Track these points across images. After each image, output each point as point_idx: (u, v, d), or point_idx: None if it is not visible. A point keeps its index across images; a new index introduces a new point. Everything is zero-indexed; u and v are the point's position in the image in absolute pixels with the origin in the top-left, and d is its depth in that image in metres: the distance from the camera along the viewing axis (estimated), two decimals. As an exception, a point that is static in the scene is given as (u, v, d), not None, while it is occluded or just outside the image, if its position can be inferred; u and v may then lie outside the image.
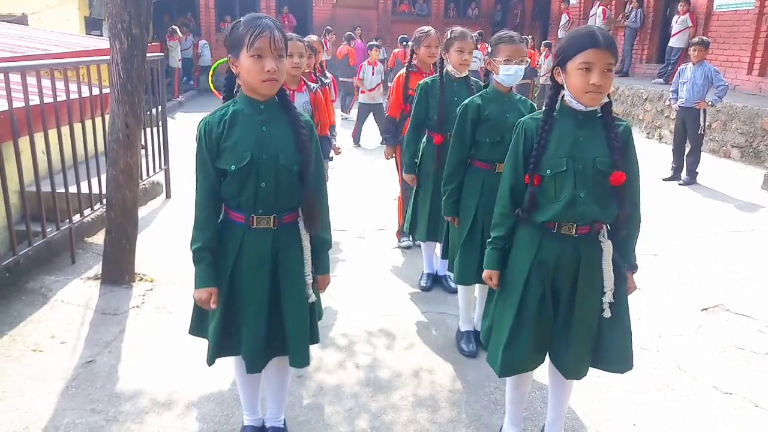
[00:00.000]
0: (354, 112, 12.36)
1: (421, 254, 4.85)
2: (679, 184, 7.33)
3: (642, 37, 13.46)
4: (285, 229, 2.24)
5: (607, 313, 2.24)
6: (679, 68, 7.64)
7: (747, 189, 7.07)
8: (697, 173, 7.37)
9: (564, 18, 15.57)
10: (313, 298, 2.31)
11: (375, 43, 10.79)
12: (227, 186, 2.18)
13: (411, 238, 5.03)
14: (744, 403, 2.98)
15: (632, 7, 13.07)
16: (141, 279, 4.22)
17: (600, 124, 2.18)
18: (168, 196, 6.35)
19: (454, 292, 3.97)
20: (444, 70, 3.80)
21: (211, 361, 2.31)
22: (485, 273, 2.38)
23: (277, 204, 2.19)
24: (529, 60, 3.30)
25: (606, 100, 2.15)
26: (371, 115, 9.58)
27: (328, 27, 14.73)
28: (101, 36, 13.64)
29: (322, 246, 2.34)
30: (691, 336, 3.64)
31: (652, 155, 8.55)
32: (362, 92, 9.75)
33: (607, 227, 2.23)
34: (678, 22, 11.25)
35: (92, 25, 14.31)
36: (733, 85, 10.38)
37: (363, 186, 7.07)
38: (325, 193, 2.38)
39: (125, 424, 2.69)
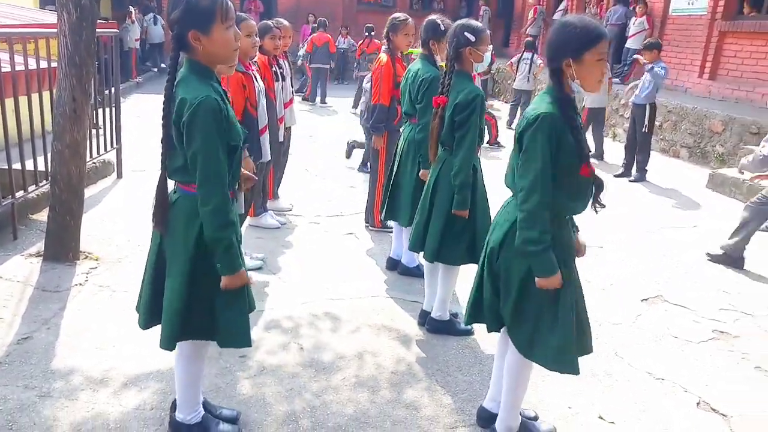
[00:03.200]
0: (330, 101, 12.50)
1: (375, 241, 4.89)
2: (630, 181, 7.52)
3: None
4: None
5: None
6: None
7: (693, 187, 7.30)
8: (647, 171, 7.57)
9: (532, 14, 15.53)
10: None
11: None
12: (230, 163, 2.11)
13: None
14: (674, 389, 3.08)
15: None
16: (86, 257, 4.13)
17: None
18: (119, 175, 6.22)
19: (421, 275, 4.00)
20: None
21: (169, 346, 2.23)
22: (557, 278, 2.19)
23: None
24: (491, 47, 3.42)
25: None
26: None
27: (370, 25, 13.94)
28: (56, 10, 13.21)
29: None
30: (629, 325, 3.75)
31: (607, 153, 8.73)
32: None
33: None
34: (635, 24, 11.49)
35: (47, 0, 13.84)
36: (684, 88, 10.67)
37: (318, 172, 7.04)
38: None
39: (59, 401, 2.63)
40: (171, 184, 2.18)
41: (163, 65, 16.10)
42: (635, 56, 7.33)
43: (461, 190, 3.14)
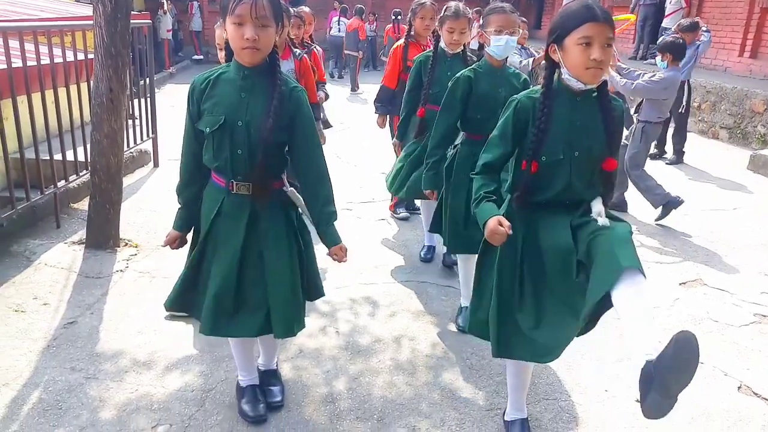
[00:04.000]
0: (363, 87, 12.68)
1: (410, 227, 4.90)
2: (666, 164, 7.37)
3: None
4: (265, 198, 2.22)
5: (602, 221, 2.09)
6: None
7: (733, 169, 7.13)
8: (684, 153, 7.42)
9: None
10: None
11: None
12: (206, 149, 2.20)
13: (407, 209, 5.07)
14: (714, 372, 3.04)
15: None
16: (126, 244, 4.23)
17: (596, 106, 2.10)
18: (156, 164, 6.34)
19: (453, 264, 3.99)
20: (439, 45, 3.78)
21: (168, 305, 2.41)
22: (492, 222, 2.06)
23: (254, 172, 2.17)
24: (521, 31, 3.21)
25: (604, 77, 2.07)
26: None
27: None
28: (91, 3, 13.48)
29: (324, 221, 2.30)
30: (667, 308, 3.70)
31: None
32: None
33: None
34: (672, 3, 11.19)
35: (82, -6, 14.10)
36: (724, 67, 10.40)
37: (350, 159, 7.07)
38: (322, 167, 2.28)
39: (104, 382, 2.72)
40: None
41: (198, 57, 16.54)
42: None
43: (425, 169, 3.27)
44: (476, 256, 3.27)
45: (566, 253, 2.08)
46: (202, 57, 16.75)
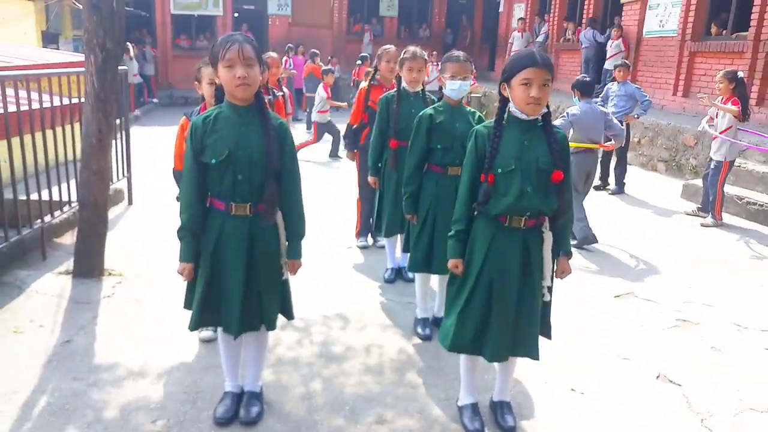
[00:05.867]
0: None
1: (375, 253, 5.32)
2: (609, 194, 8.01)
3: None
4: (260, 217, 2.61)
5: (547, 297, 2.69)
6: (606, 87, 8.35)
7: (668, 198, 7.80)
8: (625, 183, 8.08)
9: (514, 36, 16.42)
10: (286, 275, 2.75)
11: (330, 68, 11.83)
12: (210, 177, 2.60)
13: (368, 240, 5.49)
14: (638, 366, 3.53)
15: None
16: (110, 274, 4.55)
17: (541, 131, 2.58)
18: (130, 202, 6.66)
19: (412, 281, 4.43)
20: (401, 85, 4.31)
21: (192, 328, 2.72)
22: (451, 262, 2.70)
23: (252, 194, 2.60)
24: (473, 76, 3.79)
25: (545, 110, 2.55)
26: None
27: (290, 45, 15.89)
28: (58, 49, 13.85)
29: (293, 235, 2.74)
30: (605, 316, 4.19)
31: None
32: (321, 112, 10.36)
33: (547, 220, 2.67)
34: (612, 47, 12.15)
35: (49, 40, 14.42)
36: (660, 105, 11.26)
37: (317, 192, 7.48)
38: (298, 188, 2.74)
39: (105, 388, 3.05)
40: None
41: (155, 100, 16.95)
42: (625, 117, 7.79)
43: (404, 197, 3.65)
44: (431, 275, 3.77)
45: (508, 285, 2.64)
46: (157, 101, 17.11)
